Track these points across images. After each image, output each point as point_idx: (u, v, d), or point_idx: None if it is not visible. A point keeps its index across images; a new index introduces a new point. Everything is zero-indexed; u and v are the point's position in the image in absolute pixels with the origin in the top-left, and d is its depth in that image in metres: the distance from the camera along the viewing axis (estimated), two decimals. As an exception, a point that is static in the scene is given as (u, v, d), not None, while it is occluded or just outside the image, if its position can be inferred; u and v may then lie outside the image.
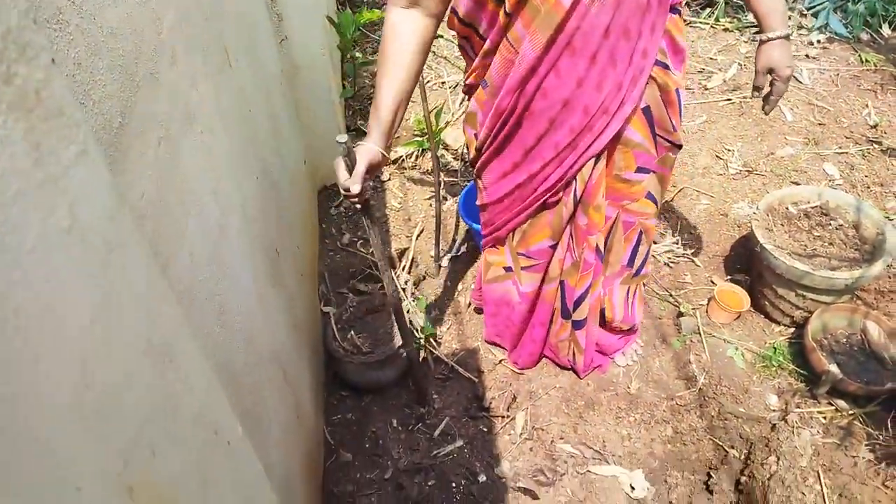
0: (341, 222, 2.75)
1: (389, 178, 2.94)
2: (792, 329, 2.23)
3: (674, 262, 2.52)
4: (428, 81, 3.44)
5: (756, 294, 2.29)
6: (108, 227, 0.50)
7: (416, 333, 2.13)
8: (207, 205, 1.12)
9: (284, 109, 2.27)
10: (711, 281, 2.44)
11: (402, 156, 2.97)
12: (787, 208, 2.26)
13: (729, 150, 2.98)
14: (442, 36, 3.77)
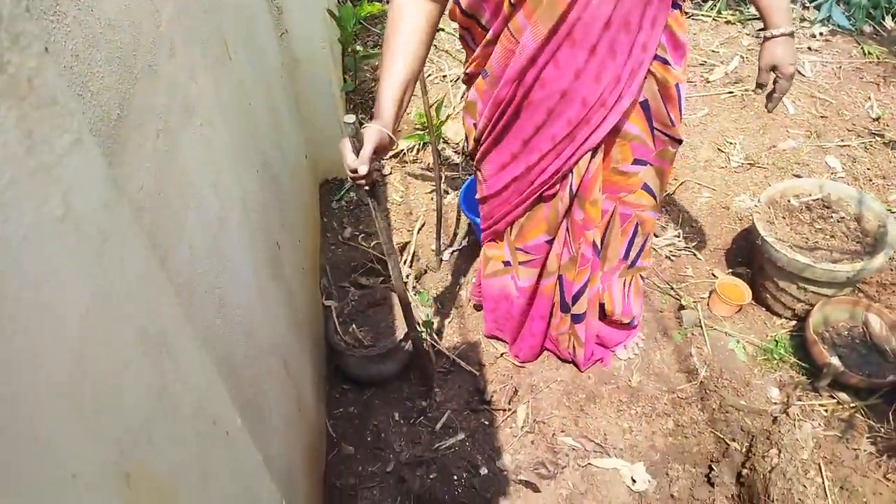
0: (343, 216, 2.75)
1: (391, 172, 2.94)
2: (793, 322, 2.23)
3: (675, 256, 2.51)
4: (429, 75, 3.43)
5: (757, 287, 2.28)
6: (103, 217, 0.50)
7: (417, 327, 2.13)
8: (207, 198, 1.12)
9: (285, 103, 2.26)
10: (713, 274, 2.44)
11: (403, 150, 2.97)
12: (788, 201, 2.26)
13: (731, 143, 2.97)
14: (443, 29, 3.76)
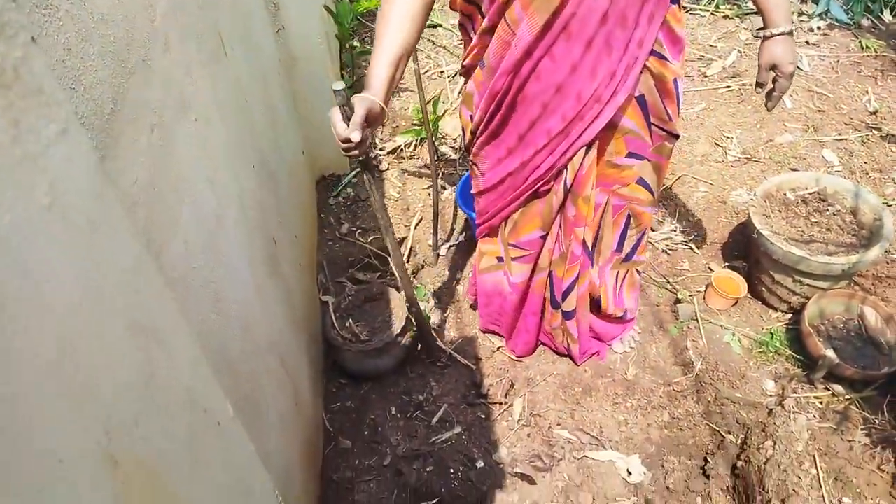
0: (340, 212, 2.76)
1: (388, 168, 2.95)
2: (789, 315, 2.24)
3: (672, 249, 2.52)
4: (426, 71, 3.44)
5: (753, 280, 2.29)
6: (92, 207, 0.51)
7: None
8: (203, 193, 1.13)
9: (282, 100, 2.27)
10: (709, 267, 2.45)
11: (400, 145, 2.97)
12: (784, 194, 2.26)
13: (728, 138, 2.97)
14: (441, 25, 3.76)
